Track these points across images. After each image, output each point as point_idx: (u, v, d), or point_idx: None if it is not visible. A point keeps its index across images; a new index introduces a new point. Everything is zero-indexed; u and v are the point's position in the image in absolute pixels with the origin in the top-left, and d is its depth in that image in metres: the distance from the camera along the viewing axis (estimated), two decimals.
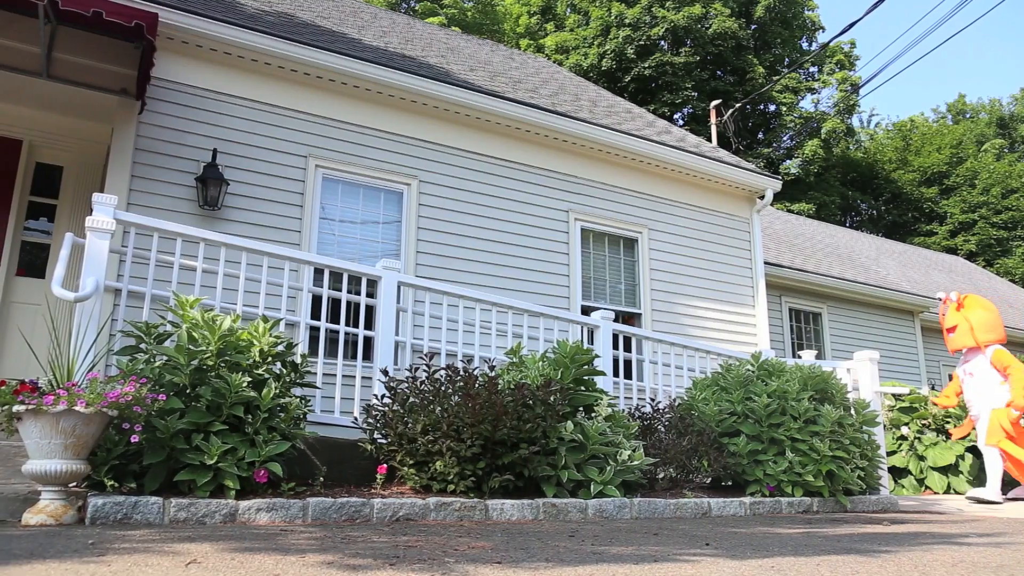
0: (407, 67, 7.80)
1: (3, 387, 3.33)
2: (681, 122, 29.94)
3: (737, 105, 18.40)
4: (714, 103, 16.27)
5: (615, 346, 6.52)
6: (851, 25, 12.23)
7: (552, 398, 4.68)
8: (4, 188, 6.56)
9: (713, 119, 15.94)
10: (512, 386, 4.63)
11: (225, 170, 6.62)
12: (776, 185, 10.25)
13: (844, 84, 31.07)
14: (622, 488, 4.86)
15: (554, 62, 22.48)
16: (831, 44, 23.99)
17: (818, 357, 12.04)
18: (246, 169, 6.78)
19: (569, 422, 4.74)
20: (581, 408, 5.16)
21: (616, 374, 6.67)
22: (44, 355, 6.42)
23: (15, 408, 3.33)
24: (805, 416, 5.85)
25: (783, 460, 5.74)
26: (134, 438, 3.53)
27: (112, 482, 3.76)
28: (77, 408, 3.35)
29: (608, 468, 4.78)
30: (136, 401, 3.52)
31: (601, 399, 5.12)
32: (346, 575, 2.13)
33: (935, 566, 2.78)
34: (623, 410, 5.58)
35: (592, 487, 4.68)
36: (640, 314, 8.84)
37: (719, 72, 29.83)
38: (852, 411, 6.25)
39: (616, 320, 6.53)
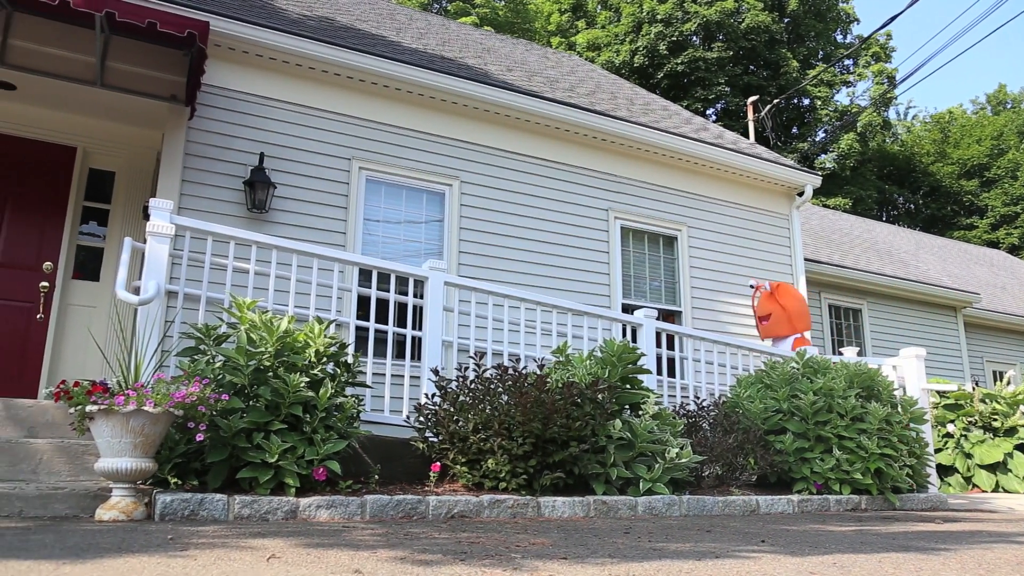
0: (447, 69, 7.88)
1: (76, 388, 3.45)
2: (714, 117, 29.76)
3: (775, 101, 18.22)
4: (751, 99, 16.14)
5: (657, 344, 6.54)
6: (892, 19, 12.09)
7: (601, 396, 4.72)
8: (60, 194, 6.74)
9: (750, 115, 15.82)
10: (560, 385, 4.68)
11: (272, 173, 6.75)
12: (815, 181, 10.18)
13: (880, 77, 30.63)
14: (670, 486, 4.89)
15: (586, 60, 22.46)
16: (867, 35, 23.69)
17: (859, 354, 11.94)
18: (292, 172, 6.91)
19: (617, 420, 4.77)
20: (627, 406, 5.20)
21: (659, 372, 6.70)
22: (99, 356, 6.61)
23: (88, 408, 3.45)
24: (852, 414, 5.82)
25: (830, 458, 5.72)
26: (199, 437, 3.64)
27: (175, 479, 3.88)
28: (146, 408, 3.47)
29: (656, 466, 4.81)
30: (200, 401, 3.62)
31: (648, 397, 5.15)
32: (422, 570, 2.19)
33: (999, 564, 2.78)
34: (667, 408, 5.60)
35: (641, 484, 4.72)
36: (680, 312, 8.84)
37: (752, 67, 29.59)
38: (899, 408, 6.21)
39: (657, 318, 6.55)
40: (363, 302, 6.25)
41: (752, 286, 8.51)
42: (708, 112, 29.54)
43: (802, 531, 3.91)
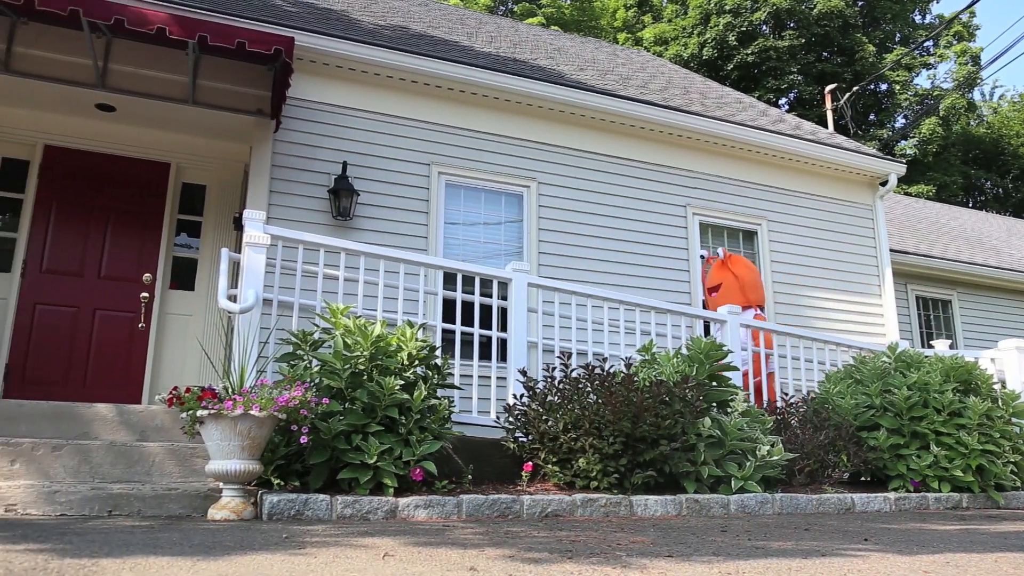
0: (522, 71, 7.95)
1: (188, 394, 3.63)
2: (786, 107, 29.10)
3: (854, 88, 17.72)
4: (829, 88, 15.73)
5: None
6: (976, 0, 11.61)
7: (689, 394, 4.70)
8: (157, 208, 7.06)
9: (828, 104, 15.42)
10: (648, 383, 4.67)
11: (354, 181, 6.92)
12: (900, 169, 9.87)
13: (964, 57, 29.42)
14: (762, 484, 4.83)
15: (653, 54, 22.26)
16: (948, 14, 22.80)
17: (951, 347, 11.52)
18: (374, 179, 7.07)
19: (707, 418, 4.75)
20: (715, 404, 5.16)
21: None
22: (195, 362, 6.89)
23: (199, 413, 3.62)
24: (950, 408, 5.64)
25: (927, 454, 5.56)
26: (303, 440, 3.77)
27: (278, 480, 4.03)
28: (252, 412, 3.61)
29: (748, 464, 4.76)
30: (303, 405, 3.76)
31: (736, 394, 5.11)
32: (533, 568, 2.24)
33: None
34: (753, 405, 5.53)
35: (733, 483, 4.68)
36: (762, 307, 8.68)
37: (825, 54, 28.79)
38: (999, 403, 5.99)
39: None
40: (448, 305, 6.35)
41: (702, 257, 8.07)
42: (781, 102, 28.91)
43: (904, 530, 3.82)
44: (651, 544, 2.92)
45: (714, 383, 5.22)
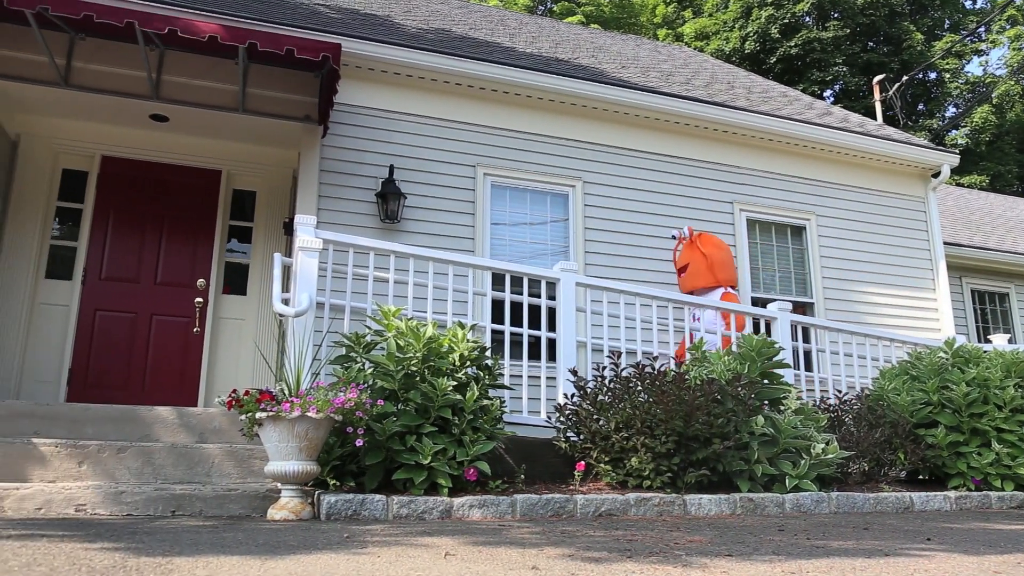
0: (564, 71, 7.95)
1: (247, 397, 3.71)
2: (831, 99, 28.58)
3: (903, 78, 17.35)
4: (877, 78, 15.42)
5: (792, 337, 6.38)
6: None
7: (742, 392, 4.66)
8: (209, 215, 7.21)
9: (876, 95, 15.12)
10: (699, 382, 4.64)
11: (401, 184, 6.99)
12: (953, 160, 9.64)
13: (1017, 42, 28.57)
14: (816, 482, 4.77)
15: (695, 50, 22.05)
16: (1006, 3, 22.15)
17: (1010, 341, 11.22)
18: (420, 182, 7.14)
19: (759, 416, 4.70)
20: (767, 402, 5.10)
21: (796, 366, 6.53)
22: (248, 365, 7.02)
23: (258, 415, 3.70)
24: (1012, 405, 5.51)
25: (988, 452, 5.43)
26: (359, 441, 3.83)
27: (334, 481, 4.10)
28: (309, 414, 3.68)
29: (802, 462, 4.70)
30: (358, 406, 3.81)
31: (789, 392, 5.05)
32: (594, 567, 2.24)
33: None
34: (806, 402, 5.46)
35: (787, 481, 4.63)
36: (812, 303, 8.56)
37: (871, 43, 28.22)
38: None
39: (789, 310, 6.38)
40: (496, 305, 6.38)
41: (674, 237, 7.81)
42: (826, 94, 28.41)
43: (967, 529, 3.74)
44: (709, 543, 2.90)
45: (766, 380, 5.16)
